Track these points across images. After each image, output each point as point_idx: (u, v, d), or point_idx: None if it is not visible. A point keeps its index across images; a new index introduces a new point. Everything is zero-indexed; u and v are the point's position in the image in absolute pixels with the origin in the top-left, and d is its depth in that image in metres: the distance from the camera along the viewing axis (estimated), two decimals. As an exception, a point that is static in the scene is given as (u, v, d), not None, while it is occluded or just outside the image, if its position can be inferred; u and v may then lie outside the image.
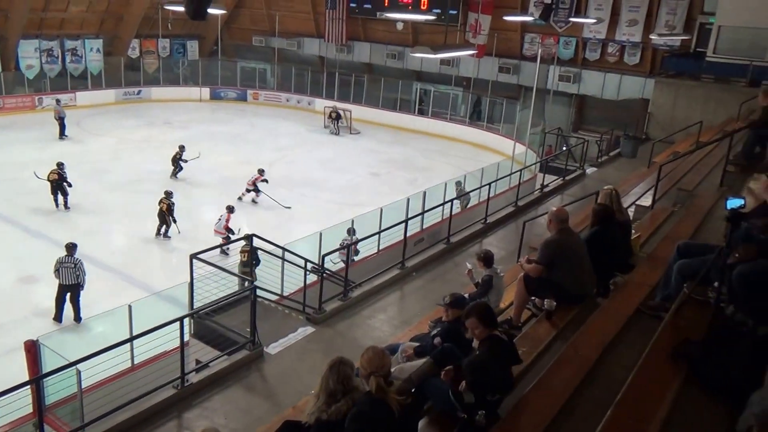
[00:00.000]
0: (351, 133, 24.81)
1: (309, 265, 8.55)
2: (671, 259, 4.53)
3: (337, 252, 10.18)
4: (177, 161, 17.83)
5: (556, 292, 5.03)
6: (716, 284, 3.93)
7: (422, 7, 23.58)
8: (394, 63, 26.94)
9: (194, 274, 7.34)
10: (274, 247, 8.58)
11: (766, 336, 3.09)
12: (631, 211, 8.18)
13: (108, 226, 14.45)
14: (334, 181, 18.12)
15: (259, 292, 7.17)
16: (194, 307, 7.21)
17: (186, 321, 6.13)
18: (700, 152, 10.24)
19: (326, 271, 8.26)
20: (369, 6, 26.07)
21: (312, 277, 8.55)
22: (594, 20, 20.21)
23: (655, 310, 4.57)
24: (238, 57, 31.28)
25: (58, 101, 22.44)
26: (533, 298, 5.42)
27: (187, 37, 29.71)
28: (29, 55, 24.31)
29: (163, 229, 13.84)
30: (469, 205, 14.57)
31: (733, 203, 3.73)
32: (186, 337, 6.24)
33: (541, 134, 20.41)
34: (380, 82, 27.01)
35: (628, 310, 4.72)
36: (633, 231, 6.37)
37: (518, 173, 14.22)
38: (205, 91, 28.99)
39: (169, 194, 13.91)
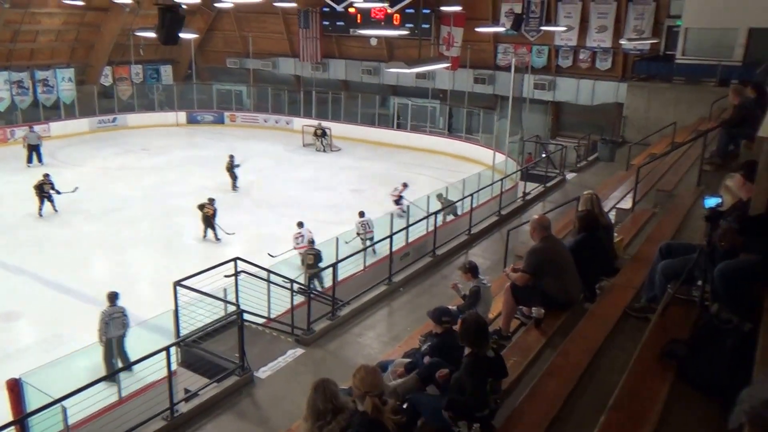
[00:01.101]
0: (331, 150, 24.86)
1: (296, 286, 8.48)
2: (654, 260, 4.58)
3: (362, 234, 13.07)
4: (232, 171, 18.68)
5: (544, 300, 5.05)
6: (699, 283, 3.98)
7: (395, 23, 23.82)
8: (370, 79, 27.11)
9: (179, 301, 7.26)
10: (259, 269, 8.51)
11: (751, 332, 3.12)
12: (612, 215, 8.28)
13: (88, 257, 14.17)
14: (316, 200, 18.06)
15: (246, 316, 7.09)
16: (180, 334, 7.11)
17: (172, 350, 6.03)
18: (676, 153, 10.42)
19: (313, 291, 8.20)
20: (342, 23, 26.28)
21: (299, 298, 8.49)
22: (564, 28, 20.59)
23: (641, 312, 4.61)
24: (213, 80, 31.27)
25: (31, 128, 22.17)
26: (521, 306, 5.44)
27: (161, 62, 29.63)
28: (-1, 87, 24.07)
29: (209, 233, 14.90)
30: (455, 215, 14.61)
31: (711, 202, 3.79)
32: (173, 366, 6.14)
33: (519, 142, 20.62)
34: (357, 98, 27.15)
35: (616, 314, 4.75)
36: (615, 234, 6.44)
37: (499, 182, 14.33)
38: (182, 116, 28.87)
39: (212, 201, 15.05)
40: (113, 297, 9.35)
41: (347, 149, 25.03)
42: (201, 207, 15.02)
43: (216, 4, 24.91)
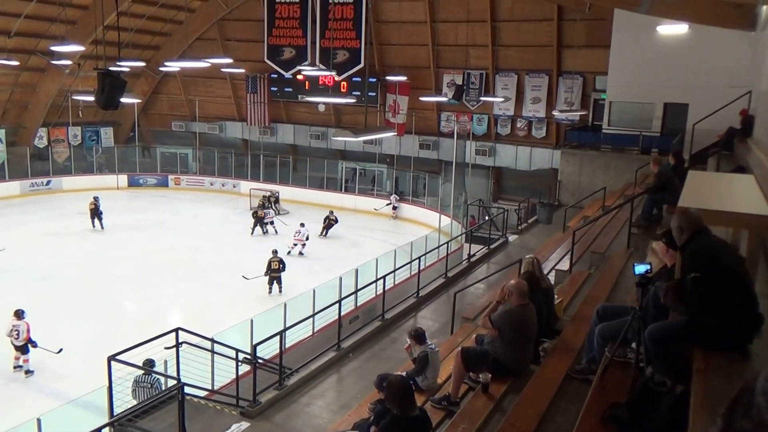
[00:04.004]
0: (279, 213, 24.75)
1: (240, 356, 8.22)
2: (591, 322, 4.77)
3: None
4: (272, 202, 22.05)
5: (494, 366, 5.13)
6: (633, 345, 4.17)
7: (342, 90, 24.63)
8: (318, 143, 27.60)
9: (114, 377, 6.88)
10: (201, 339, 8.22)
11: (684, 394, 3.27)
12: (552, 276, 8.62)
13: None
14: (263, 264, 17.76)
15: (188, 390, 6.79)
16: (114, 413, 6.69)
17: (104, 431, 5.66)
18: (606, 216, 11.05)
19: (259, 360, 7.96)
20: (290, 90, 26.89)
21: (245, 368, 8.21)
22: (502, 99, 21.92)
23: (582, 373, 4.75)
24: (157, 142, 30.89)
25: None
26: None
27: (101, 124, 28.95)
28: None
29: (275, 287, 15.94)
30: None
31: (641, 269, 4.02)
32: (106, 449, 5.74)
33: (463, 206, 21.29)
34: (306, 162, 27.48)
35: (559, 376, 4.87)
36: (555, 296, 6.68)
37: (446, 245, 14.65)
38: (123, 179, 28.18)
39: (275, 252, 16.72)
40: (149, 365, 8.08)
41: (295, 212, 24.98)
42: (269, 265, 15.87)
43: (161, 69, 25.01)
